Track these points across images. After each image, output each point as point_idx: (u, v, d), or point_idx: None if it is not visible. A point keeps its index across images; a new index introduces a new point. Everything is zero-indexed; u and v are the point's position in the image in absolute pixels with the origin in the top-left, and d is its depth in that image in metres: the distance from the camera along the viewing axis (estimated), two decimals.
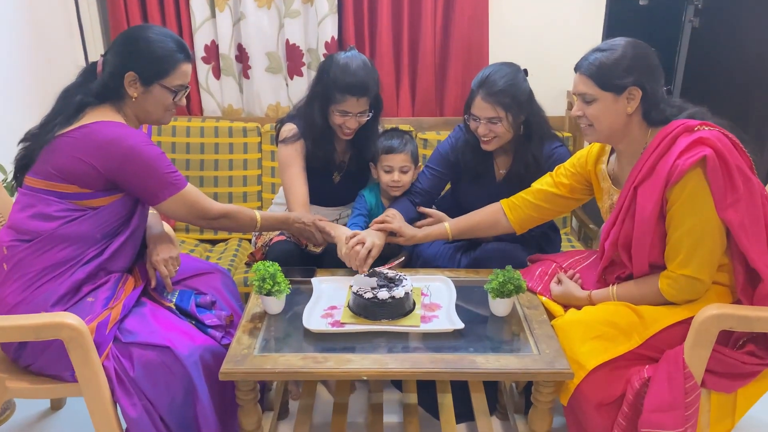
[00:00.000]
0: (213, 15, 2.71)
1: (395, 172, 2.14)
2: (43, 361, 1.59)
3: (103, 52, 1.74)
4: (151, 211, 1.89)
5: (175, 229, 2.26)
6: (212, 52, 2.76)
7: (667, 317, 1.56)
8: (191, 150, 2.67)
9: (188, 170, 2.67)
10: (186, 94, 1.74)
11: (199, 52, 2.74)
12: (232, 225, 1.87)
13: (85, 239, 1.63)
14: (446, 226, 2.01)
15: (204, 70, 2.77)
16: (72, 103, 1.64)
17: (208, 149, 2.67)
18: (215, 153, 2.68)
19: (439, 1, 2.69)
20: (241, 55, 2.77)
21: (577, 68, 1.66)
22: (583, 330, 1.59)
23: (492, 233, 2.02)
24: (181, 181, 1.69)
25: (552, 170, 1.96)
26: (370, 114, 2.11)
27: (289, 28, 2.70)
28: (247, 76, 2.79)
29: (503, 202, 1.97)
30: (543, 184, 1.93)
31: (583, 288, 1.76)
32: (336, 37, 2.69)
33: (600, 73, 1.60)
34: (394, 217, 2.01)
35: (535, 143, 2.03)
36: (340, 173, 2.25)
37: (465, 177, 2.16)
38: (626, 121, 1.64)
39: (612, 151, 1.81)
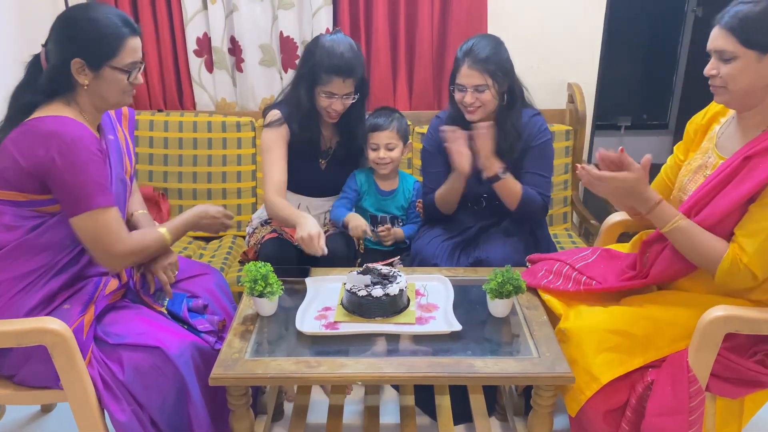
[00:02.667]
0: (205, 7, 2.64)
1: (381, 149, 2.16)
2: (26, 373, 1.55)
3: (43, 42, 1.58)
4: (142, 211, 1.84)
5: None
6: (204, 45, 2.70)
7: (689, 339, 1.48)
8: (184, 145, 2.62)
9: (181, 166, 2.62)
10: (141, 70, 1.61)
11: (191, 45, 2.68)
12: (142, 260, 1.68)
13: (54, 247, 1.54)
14: None
15: (196, 64, 2.72)
16: (20, 105, 1.53)
17: (201, 144, 2.62)
18: (208, 148, 2.63)
19: None
20: (234, 48, 2.71)
21: (716, 22, 1.48)
22: (597, 340, 1.52)
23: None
24: (106, 200, 1.52)
25: (530, 138, 2.02)
26: (356, 97, 2.09)
27: (283, 20, 2.64)
28: (240, 70, 2.74)
29: None
30: (666, 163, 1.83)
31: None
32: (331, 28, 2.63)
33: (744, 28, 1.42)
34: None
35: (515, 113, 2.05)
36: (326, 159, 2.21)
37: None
38: (765, 86, 1.47)
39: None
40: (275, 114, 2.11)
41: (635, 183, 1.50)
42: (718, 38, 1.48)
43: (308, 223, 1.85)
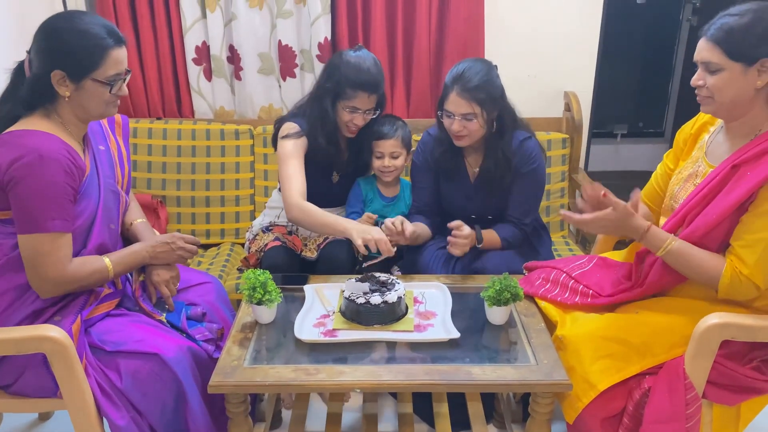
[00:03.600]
0: (204, 15, 2.66)
1: (386, 157, 2.17)
2: (22, 384, 1.55)
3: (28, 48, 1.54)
4: (141, 220, 1.84)
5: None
6: (203, 53, 2.71)
7: (686, 347, 1.48)
8: (182, 153, 2.62)
9: (179, 174, 2.62)
10: (126, 82, 1.57)
11: (190, 53, 2.69)
12: (78, 288, 1.58)
13: None
14: None
15: (195, 72, 2.73)
16: (1, 115, 1.52)
17: (200, 152, 2.63)
18: (207, 156, 2.63)
19: (434, 2, 2.64)
20: (233, 57, 2.73)
21: (702, 33, 1.50)
22: (594, 347, 1.53)
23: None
24: (60, 225, 1.47)
25: (520, 164, 1.99)
26: (377, 112, 2.11)
27: (282, 29, 2.66)
28: (239, 78, 2.75)
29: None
30: (656, 170, 1.86)
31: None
32: (329, 37, 2.65)
33: (729, 40, 1.44)
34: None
35: (506, 139, 2.02)
36: (339, 173, 2.23)
37: (440, 177, 2.14)
38: (752, 97, 1.48)
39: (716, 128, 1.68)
40: (294, 126, 2.09)
41: (619, 221, 1.52)
42: (704, 50, 1.49)
43: (371, 228, 1.90)
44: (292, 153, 2.06)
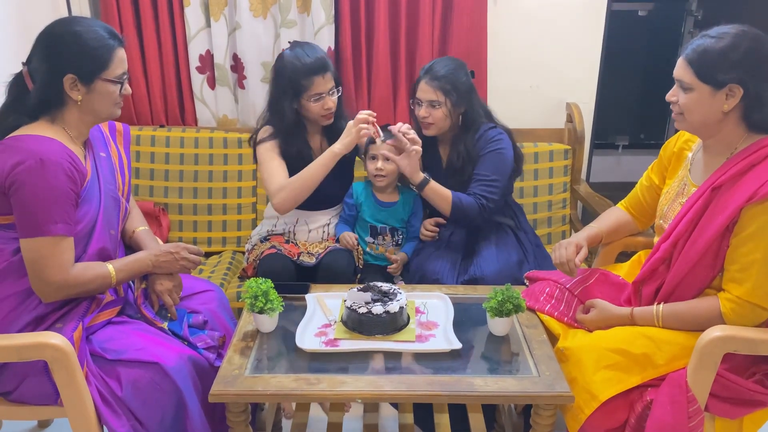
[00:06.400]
0: (208, 24, 2.67)
1: (379, 159, 2.19)
2: (23, 391, 1.55)
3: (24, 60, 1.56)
4: (143, 227, 1.84)
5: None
6: (207, 61, 2.72)
7: (687, 358, 1.48)
8: (185, 161, 2.63)
9: (182, 181, 2.63)
10: (128, 81, 1.61)
11: (194, 61, 2.70)
12: (80, 293, 1.57)
13: None
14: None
15: (199, 80, 2.74)
16: (4, 127, 1.52)
17: (203, 160, 2.64)
18: (209, 164, 2.64)
19: (437, 13, 2.66)
20: (237, 65, 2.74)
21: (681, 51, 1.53)
22: (595, 357, 1.53)
23: (624, 234, 1.97)
24: (61, 229, 1.48)
25: (481, 148, 2.11)
26: (340, 89, 2.16)
27: (285, 38, 2.66)
28: (242, 87, 2.76)
29: (620, 205, 1.96)
30: (641, 179, 1.89)
31: None
32: (333, 47, 2.66)
33: (701, 61, 1.46)
34: None
35: (470, 135, 2.15)
36: None
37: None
38: (720, 119, 1.50)
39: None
40: (267, 130, 2.15)
41: (601, 318, 1.65)
42: (679, 68, 1.52)
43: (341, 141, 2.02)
44: (270, 155, 2.12)
